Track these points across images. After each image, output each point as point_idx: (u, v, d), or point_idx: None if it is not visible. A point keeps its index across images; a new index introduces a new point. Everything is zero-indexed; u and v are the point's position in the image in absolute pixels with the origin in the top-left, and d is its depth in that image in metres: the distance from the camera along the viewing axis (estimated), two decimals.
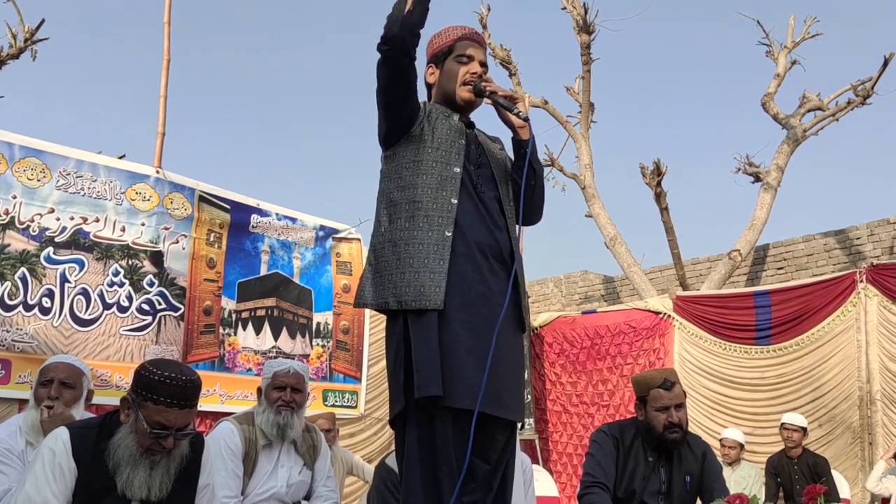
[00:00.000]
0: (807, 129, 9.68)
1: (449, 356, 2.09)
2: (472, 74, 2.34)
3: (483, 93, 2.34)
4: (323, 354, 6.37)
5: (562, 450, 8.00)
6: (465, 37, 2.37)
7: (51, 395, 2.81)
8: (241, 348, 5.86)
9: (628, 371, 7.40)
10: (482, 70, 2.36)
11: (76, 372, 2.93)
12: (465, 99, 2.34)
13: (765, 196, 9.39)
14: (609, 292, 11.78)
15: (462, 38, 2.36)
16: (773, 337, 6.66)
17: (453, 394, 2.05)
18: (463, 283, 2.15)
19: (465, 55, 2.35)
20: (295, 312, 6.25)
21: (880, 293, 6.12)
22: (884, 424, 5.95)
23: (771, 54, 10.25)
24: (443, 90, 2.36)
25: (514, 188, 2.38)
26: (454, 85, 2.34)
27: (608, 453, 3.17)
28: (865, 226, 9.43)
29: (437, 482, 2.05)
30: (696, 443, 3.29)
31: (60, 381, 2.85)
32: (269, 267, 6.14)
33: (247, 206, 6.10)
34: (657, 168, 9.51)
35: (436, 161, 2.23)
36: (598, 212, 9.96)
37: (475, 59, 2.35)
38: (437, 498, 2.06)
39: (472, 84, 2.33)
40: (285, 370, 3.41)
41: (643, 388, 3.21)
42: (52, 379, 2.85)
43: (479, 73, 2.35)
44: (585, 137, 10.32)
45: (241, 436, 3.29)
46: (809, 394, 6.36)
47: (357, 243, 6.80)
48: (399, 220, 2.20)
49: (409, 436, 2.15)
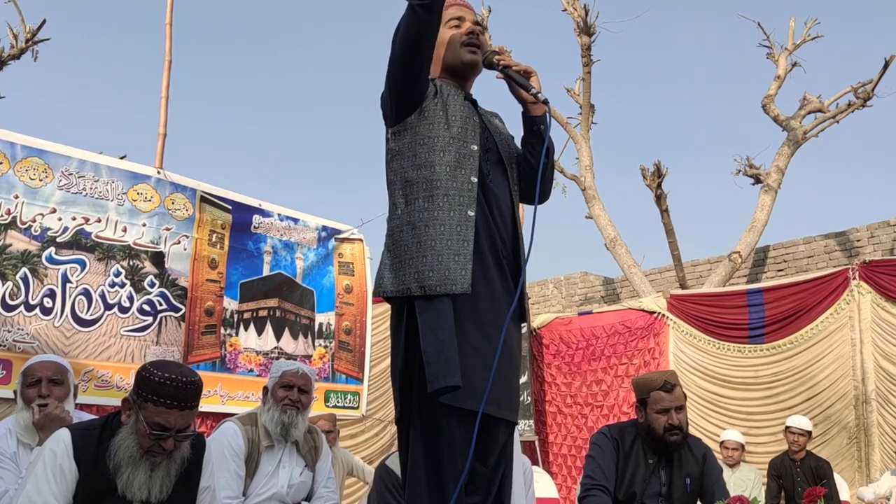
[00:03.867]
0: (807, 130, 9.71)
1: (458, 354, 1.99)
2: (469, 34, 2.24)
3: (496, 66, 2.24)
4: (325, 355, 6.39)
5: (557, 451, 8.02)
6: (451, 4, 2.27)
7: (42, 394, 2.82)
8: (242, 349, 5.87)
9: (623, 371, 7.43)
10: (478, 28, 2.27)
11: (61, 368, 2.96)
12: (469, 60, 2.23)
13: (765, 198, 9.42)
14: (609, 294, 11.80)
15: (448, 6, 2.24)
16: (766, 335, 6.68)
17: (460, 394, 1.96)
18: (472, 279, 2.04)
19: (454, 18, 2.26)
20: (297, 313, 6.27)
21: (873, 290, 6.13)
22: (879, 425, 5.97)
23: (772, 56, 10.29)
24: (444, 61, 2.25)
25: (523, 168, 2.30)
26: (455, 51, 2.23)
27: (608, 455, 3.18)
28: (866, 227, 9.46)
29: (442, 485, 2.02)
30: (696, 445, 3.31)
31: (49, 379, 2.86)
32: (271, 267, 6.15)
33: (249, 206, 6.11)
34: (658, 170, 9.54)
35: (452, 138, 2.12)
36: (599, 213, 9.99)
37: (466, 19, 2.27)
38: (441, 501, 2.03)
39: (472, 47, 2.23)
40: (294, 370, 3.43)
41: (644, 390, 3.22)
42: (40, 378, 2.85)
43: (476, 30, 2.26)
44: (586, 139, 10.35)
45: (244, 436, 3.31)
46: (804, 393, 6.38)
47: (359, 244, 6.82)
48: (417, 202, 2.08)
49: (412, 436, 2.08)
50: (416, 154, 2.12)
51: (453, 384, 1.93)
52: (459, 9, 2.29)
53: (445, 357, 1.95)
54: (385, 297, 2.15)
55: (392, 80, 2.13)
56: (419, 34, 2.03)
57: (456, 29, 2.26)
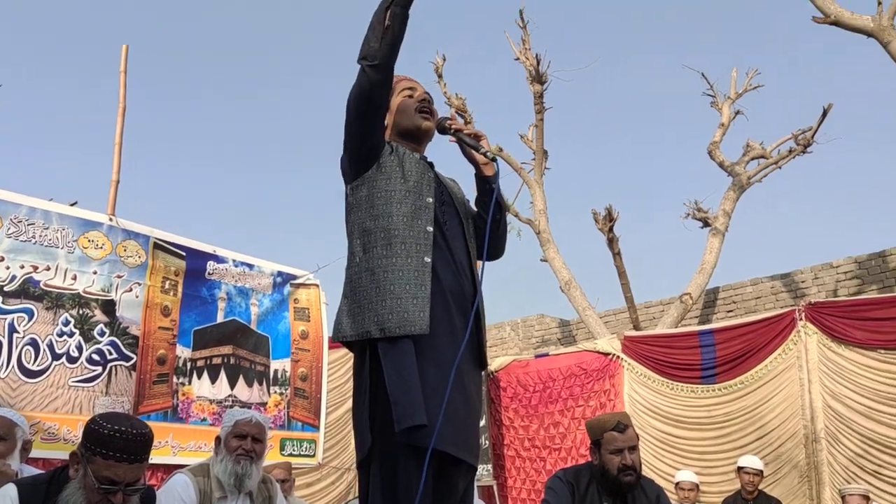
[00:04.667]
0: (751, 176, 10.06)
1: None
2: (422, 102, 2.40)
3: (447, 130, 2.41)
4: (281, 402, 6.30)
5: (516, 495, 7.99)
6: (402, 78, 2.45)
7: None
8: (195, 398, 5.77)
9: (580, 413, 7.48)
10: (429, 97, 2.45)
11: (6, 423, 2.91)
12: (424, 128, 2.38)
13: (713, 241, 9.68)
14: (565, 335, 11.90)
15: (400, 80, 2.43)
16: (718, 376, 6.81)
17: (420, 433, 2.00)
18: (432, 319, 2.13)
19: (407, 88, 2.43)
20: (252, 360, 6.19)
21: (819, 331, 6.31)
22: (829, 463, 6.10)
23: (716, 105, 10.68)
24: (399, 127, 2.39)
25: (478, 224, 2.42)
26: (410, 116, 2.38)
27: (563, 499, 3.20)
28: (810, 269, 9.77)
29: None
30: (649, 486, 3.35)
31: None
32: (225, 314, 6.09)
33: (203, 252, 6.06)
34: (609, 214, 9.75)
35: (408, 191, 2.23)
36: (554, 256, 10.14)
37: (418, 90, 2.44)
38: None
39: (426, 113, 2.39)
40: (247, 419, 3.39)
41: (597, 431, 3.27)
42: None
43: (428, 99, 2.43)
44: (539, 184, 10.55)
45: (196, 488, 3.24)
46: (755, 432, 6.49)
47: (315, 289, 6.79)
48: (375, 249, 2.18)
49: (372, 479, 2.10)
50: (374, 206, 2.23)
51: (420, 423, 1.99)
52: (411, 81, 2.47)
53: (411, 397, 2.01)
54: (344, 342, 2.22)
55: (348, 140, 2.26)
56: (371, 94, 2.17)
57: (409, 98, 2.42)
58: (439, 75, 11.15)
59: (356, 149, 2.26)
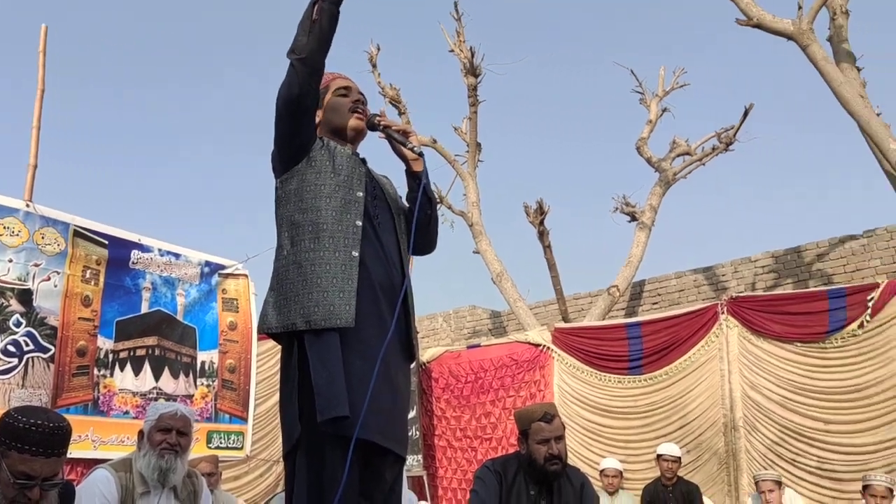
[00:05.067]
0: (676, 172, 10.34)
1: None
2: (356, 103, 2.42)
3: (377, 127, 2.42)
4: (208, 394, 6.17)
5: (447, 485, 8.04)
6: (338, 76, 2.47)
7: None
8: (117, 390, 5.59)
9: (510, 404, 7.57)
10: (363, 98, 2.46)
11: None
12: (355, 128, 2.40)
13: (640, 234, 9.92)
14: (496, 326, 12.02)
15: (335, 78, 2.45)
16: (644, 367, 6.99)
17: (345, 423, 2.03)
18: (360, 312, 2.15)
19: (342, 88, 2.44)
20: (178, 351, 6.03)
21: (740, 324, 6.55)
22: (747, 451, 6.34)
23: (644, 101, 10.92)
24: (331, 124, 2.40)
25: (409, 220, 2.43)
26: (343, 115, 2.40)
27: (491, 489, 3.25)
28: (730, 263, 10.12)
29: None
30: (574, 475, 3.41)
31: None
32: (150, 304, 5.91)
33: (127, 241, 5.87)
34: (540, 207, 9.88)
35: (338, 185, 2.25)
36: (486, 248, 10.22)
37: (353, 90, 2.45)
38: None
39: (359, 114, 2.40)
40: (172, 412, 3.31)
41: (525, 421, 3.32)
42: None
43: (362, 100, 2.44)
44: (473, 176, 10.60)
45: (118, 483, 3.16)
46: (678, 421, 6.70)
47: (244, 279, 6.66)
48: (303, 242, 2.19)
49: (298, 469, 2.11)
50: (303, 199, 2.24)
51: (343, 414, 2.01)
52: (346, 80, 2.48)
53: (335, 389, 2.03)
54: (269, 333, 2.23)
55: (278, 134, 2.26)
56: (301, 88, 2.17)
57: (343, 97, 2.43)
58: (373, 65, 11.08)
59: (285, 144, 2.27)
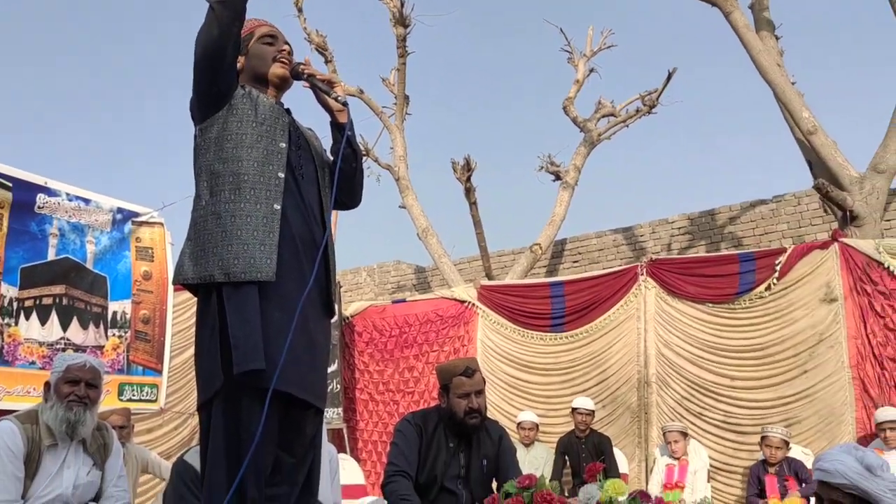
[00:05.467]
0: (601, 133, 10.46)
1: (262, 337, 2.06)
2: (281, 52, 2.36)
3: (301, 75, 2.37)
4: (120, 345, 5.97)
5: (367, 437, 8.10)
6: (263, 23, 2.41)
7: None
8: (23, 340, 5.35)
9: (434, 358, 7.63)
10: (289, 48, 2.40)
11: None
12: (279, 76, 2.35)
13: (563, 194, 10.04)
14: (420, 282, 12.06)
15: (260, 25, 2.40)
16: (566, 325, 7.15)
17: (262, 375, 2.02)
18: (280, 265, 2.12)
19: (267, 36, 2.38)
20: (88, 301, 5.79)
21: (657, 286, 6.76)
22: (658, 405, 6.59)
23: (572, 61, 10.96)
24: (254, 72, 2.34)
25: (332, 173, 2.38)
26: (266, 64, 2.34)
27: (411, 442, 3.27)
28: (648, 224, 10.39)
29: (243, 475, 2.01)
30: (493, 428, 3.47)
31: None
32: (57, 251, 5.63)
33: (32, 184, 5.55)
34: (467, 164, 9.87)
35: (260, 136, 2.19)
36: (412, 203, 10.16)
37: (279, 39, 2.40)
38: (241, 490, 2.03)
39: (283, 62, 2.35)
40: (80, 364, 3.22)
41: (446, 376, 3.35)
42: None
43: (288, 49, 2.38)
44: (400, 129, 10.48)
45: (23, 435, 3.06)
46: (596, 377, 6.90)
47: (160, 228, 6.42)
48: (223, 193, 2.14)
49: (214, 424, 2.09)
50: (224, 148, 2.18)
51: (259, 367, 2.00)
52: (272, 28, 2.42)
53: (252, 341, 2.02)
54: (185, 284, 2.19)
55: (197, 81, 2.19)
56: (220, 33, 2.11)
57: (269, 46, 2.37)
58: (299, 9, 10.72)
59: (204, 91, 2.20)
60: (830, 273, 6.03)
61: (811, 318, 6.04)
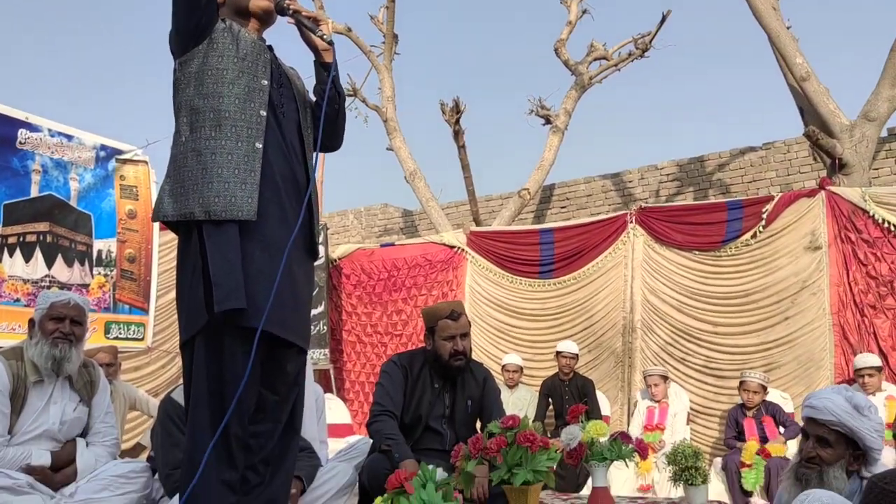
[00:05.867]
0: (592, 76, 10.31)
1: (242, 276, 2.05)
2: None
3: (286, 11, 2.30)
4: (105, 284, 5.95)
5: (355, 378, 8.19)
6: None
7: None
8: (7, 277, 5.32)
9: (422, 302, 7.67)
10: None
11: None
12: (262, 8, 2.28)
13: (553, 138, 9.95)
14: (408, 226, 12.04)
15: None
16: (555, 271, 7.18)
17: (243, 314, 2.03)
18: (261, 204, 2.10)
19: None
20: (72, 239, 5.75)
21: (646, 233, 6.78)
22: (642, 350, 6.68)
23: (565, 1, 10.72)
24: (236, 5, 2.27)
25: (316, 114, 2.35)
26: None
27: (397, 382, 3.30)
28: (637, 170, 10.36)
29: (224, 413, 2.03)
30: (477, 369, 3.51)
31: None
32: (40, 188, 5.56)
33: (13, 119, 5.44)
34: (456, 106, 9.73)
35: (242, 71, 2.15)
36: (400, 145, 10.06)
37: None
38: (225, 427, 2.04)
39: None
40: (65, 301, 3.21)
41: (432, 318, 3.37)
42: None
43: None
44: (388, 69, 10.30)
45: (8, 372, 3.08)
46: (582, 322, 6.97)
47: (144, 166, 6.34)
48: (203, 129, 2.10)
49: (196, 363, 2.10)
50: (204, 84, 2.13)
51: (240, 306, 2.00)
52: None
53: (233, 280, 2.01)
54: (164, 221, 2.16)
55: (175, 13, 2.13)
56: None
57: None
58: None
59: (183, 23, 2.13)
60: (816, 221, 6.06)
61: (795, 266, 6.09)
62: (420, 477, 2.57)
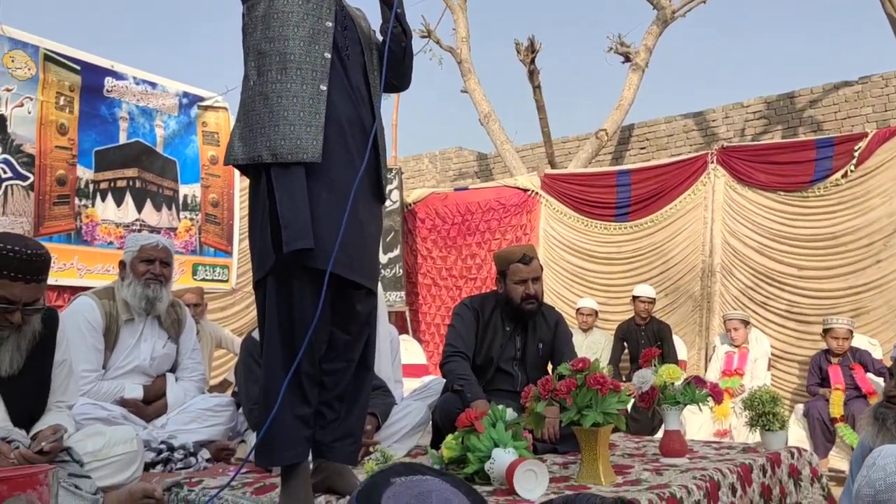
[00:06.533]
0: (675, 10, 9.85)
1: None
2: None
3: None
4: (192, 227, 6.20)
5: (430, 320, 8.31)
6: None
7: None
8: (100, 220, 5.59)
9: (496, 246, 7.67)
10: None
11: None
12: None
13: (633, 77, 9.63)
14: (482, 169, 11.97)
15: None
16: (630, 214, 7.04)
17: (310, 255, 2.07)
18: (326, 146, 2.12)
19: None
20: (159, 184, 5.99)
21: (727, 174, 6.55)
22: (721, 294, 6.53)
23: None
24: None
25: (381, 56, 2.33)
26: None
27: (468, 325, 3.34)
28: (721, 108, 9.94)
29: (296, 355, 2.09)
30: (549, 313, 3.51)
31: None
32: (128, 135, 5.78)
33: (100, 67, 5.64)
34: (531, 45, 9.51)
35: (307, 13, 2.15)
36: (474, 87, 9.94)
37: None
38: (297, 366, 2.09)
39: None
40: (153, 244, 3.34)
41: (504, 262, 3.37)
42: None
43: None
44: (463, 9, 10.13)
45: (101, 310, 3.23)
46: (659, 266, 6.84)
47: (224, 112, 6.50)
48: (270, 73, 2.12)
49: (268, 303, 2.15)
50: (270, 27, 2.14)
51: (308, 246, 2.03)
52: None
53: (301, 220, 2.04)
54: (235, 165, 2.21)
55: None
56: None
57: None
58: None
59: None
60: None
61: (889, 206, 5.79)
62: (490, 416, 2.62)
